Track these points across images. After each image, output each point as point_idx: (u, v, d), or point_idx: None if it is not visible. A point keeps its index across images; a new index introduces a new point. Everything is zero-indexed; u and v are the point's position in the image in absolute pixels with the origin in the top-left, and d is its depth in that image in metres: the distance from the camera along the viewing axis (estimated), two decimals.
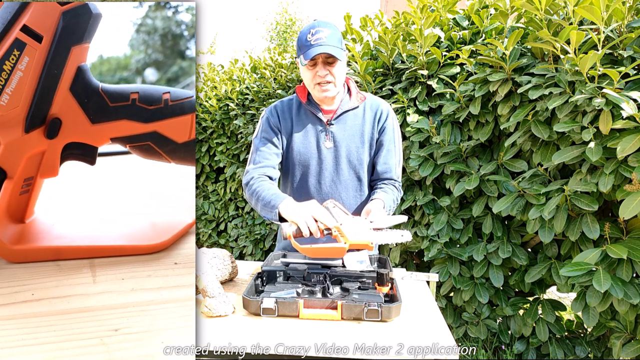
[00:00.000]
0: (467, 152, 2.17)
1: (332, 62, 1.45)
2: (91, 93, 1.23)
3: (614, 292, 1.55)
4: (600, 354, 2.02)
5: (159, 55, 3.74)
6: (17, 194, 1.23)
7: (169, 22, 3.70)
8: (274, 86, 3.37)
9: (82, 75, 1.23)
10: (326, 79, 1.46)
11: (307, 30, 1.45)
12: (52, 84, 1.17)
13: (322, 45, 1.40)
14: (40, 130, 1.20)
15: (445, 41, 2.28)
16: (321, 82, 1.46)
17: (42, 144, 1.21)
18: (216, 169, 4.21)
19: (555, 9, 1.80)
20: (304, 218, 1.24)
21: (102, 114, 1.25)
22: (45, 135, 1.21)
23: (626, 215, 1.50)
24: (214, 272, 1.32)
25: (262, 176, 1.47)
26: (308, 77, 1.48)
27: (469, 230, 2.21)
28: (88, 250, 1.25)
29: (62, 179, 1.42)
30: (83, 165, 1.34)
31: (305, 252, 1.26)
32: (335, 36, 1.44)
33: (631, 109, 1.44)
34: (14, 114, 1.14)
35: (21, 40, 1.11)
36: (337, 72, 1.47)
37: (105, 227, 1.35)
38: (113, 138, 1.30)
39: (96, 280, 1.14)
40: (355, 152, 1.53)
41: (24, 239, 1.25)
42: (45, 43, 1.13)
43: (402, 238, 1.28)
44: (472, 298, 2.22)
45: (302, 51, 1.44)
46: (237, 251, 3.84)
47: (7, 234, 1.21)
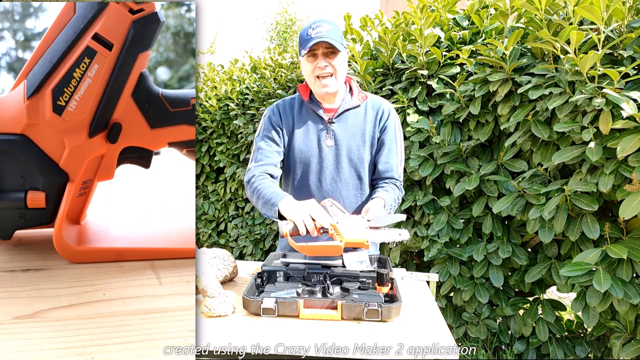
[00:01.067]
0: (467, 152, 2.17)
1: (332, 55, 1.46)
2: (152, 99, 1.28)
3: (614, 292, 1.55)
4: (600, 354, 2.02)
5: (170, 54, 3.75)
6: (75, 197, 1.27)
7: (181, 20, 3.70)
8: (274, 86, 3.37)
9: (144, 81, 1.27)
10: (326, 71, 1.46)
11: (308, 26, 1.48)
12: (117, 91, 1.22)
13: (322, 37, 1.42)
14: (102, 135, 1.24)
15: (445, 41, 2.28)
16: (321, 74, 1.47)
17: (103, 148, 1.25)
18: (216, 169, 4.21)
19: (555, 9, 1.80)
20: (301, 216, 1.25)
21: (162, 119, 1.30)
22: (106, 140, 1.25)
23: (626, 215, 1.50)
24: (214, 272, 1.32)
25: (263, 174, 1.48)
26: (308, 70, 1.49)
27: (469, 230, 2.21)
28: (148, 252, 1.28)
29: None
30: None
31: (301, 250, 1.26)
32: (335, 31, 1.46)
33: (631, 109, 1.44)
34: (80, 119, 1.18)
35: (92, 49, 1.15)
36: (338, 65, 1.48)
37: (158, 229, 1.40)
38: (171, 143, 1.34)
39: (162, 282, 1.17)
40: (356, 151, 1.54)
41: (83, 240, 1.28)
42: (115, 51, 1.17)
43: (400, 237, 1.28)
44: (472, 298, 2.22)
45: (302, 45, 1.46)
46: (237, 251, 3.84)
47: (69, 235, 1.25)
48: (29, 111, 1.15)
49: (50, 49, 1.16)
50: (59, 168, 1.21)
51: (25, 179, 1.21)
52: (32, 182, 1.21)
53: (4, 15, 3.21)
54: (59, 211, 1.22)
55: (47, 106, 1.15)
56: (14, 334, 0.94)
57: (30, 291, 1.10)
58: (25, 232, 1.37)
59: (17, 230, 1.27)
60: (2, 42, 3.28)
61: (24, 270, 1.19)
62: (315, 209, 1.27)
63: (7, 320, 0.98)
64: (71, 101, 1.16)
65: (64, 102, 1.16)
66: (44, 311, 1.02)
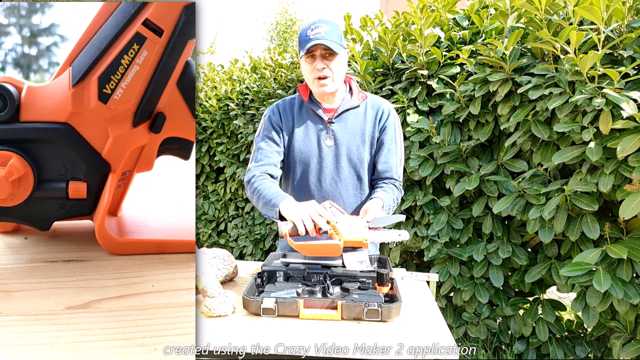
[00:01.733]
0: (467, 152, 2.17)
1: (330, 56, 1.46)
2: (195, 88, 1.24)
3: (614, 292, 1.55)
4: (600, 354, 2.02)
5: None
6: (114, 187, 1.24)
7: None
8: (274, 86, 3.37)
9: (189, 69, 1.23)
10: (324, 73, 1.47)
11: (307, 26, 1.48)
12: (164, 79, 1.18)
13: (320, 38, 1.42)
14: (145, 125, 1.21)
15: (445, 41, 2.28)
16: (319, 76, 1.47)
17: (145, 138, 1.22)
18: (216, 169, 4.21)
19: (555, 9, 1.80)
20: (300, 217, 1.25)
21: None
22: (149, 130, 1.22)
23: (626, 215, 1.49)
24: (214, 272, 1.32)
25: (263, 174, 1.48)
26: (307, 71, 1.50)
27: (469, 230, 2.21)
28: (190, 245, 1.27)
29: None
30: None
31: (300, 249, 1.26)
32: (334, 32, 1.46)
33: (631, 109, 1.44)
34: (125, 108, 1.15)
35: (142, 35, 1.11)
36: (335, 67, 1.48)
37: (192, 223, 1.37)
38: None
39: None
40: (355, 151, 1.54)
41: (123, 232, 1.27)
42: (165, 37, 1.13)
43: (400, 237, 1.28)
44: (472, 298, 2.22)
45: (301, 46, 1.46)
46: (237, 251, 3.84)
47: (110, 227, 1.23)
48: (74, 99, 1.13)
49: (97, 35, 1.13)
50: (101, 158, 1.19)
51: (67, 169, 1.18)
52: (73, 172, 1.19)
53: (11, 11, 3.21)
54: (102, 202, 1.19)
55: (93, 94, 1.12)
56: (68, 324, 0.94)
57: (77, 282, 1.10)
58: (58, 223, 1.34)
59: (57, 221, 1.25)
60: (8, 37, 3.28)
61: (66, 261, 1.19)
62: (314, 210, 1.27)
63: (59, 311, 0.98)
64: (117, 89, 1.13)
65: (110, 90, 1.13)
66: (94, 302, 1.02)
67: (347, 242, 1.24)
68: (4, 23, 3.18)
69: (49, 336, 0.90)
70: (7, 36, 3.29)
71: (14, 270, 1.13)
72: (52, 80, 1.17)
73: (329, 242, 1.24)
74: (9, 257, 1.20)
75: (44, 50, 3.63)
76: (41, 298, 1.02)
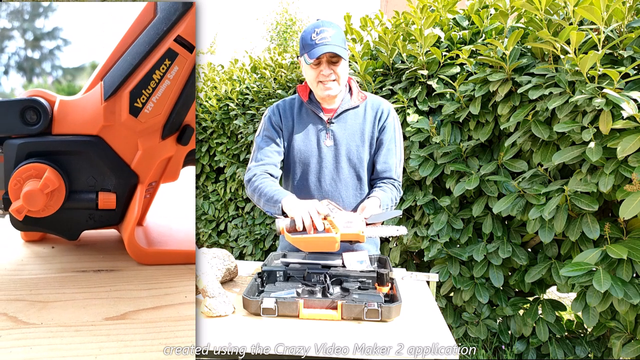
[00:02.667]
0: (467, 152, 2.17)
1: (336, 62, 1.46)
2: None
3: (614, 292, 1.55)
4: (600, 354, 2.02)
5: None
6: (143, 198, 1.28)
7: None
8: (274, 86, 3.37)
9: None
10: (330, 78, 1.47)
11: (311, 29, 1.46)
12: (192, 93, 1.22)
13: (327, 44, 1.41)
14: (173, 137, 1.25)
15: (445, 41, 2.28)
16: (324, 80, 1.47)
17: (173, 150, 1.26)
18: (216, 169, 4.21)
19: (555, 9, 1.80)
20: (300, 213, 1.25)
21: None
22: (177, 142, 1.25)
23: (626, 216, 1.49)
24: (214, 272, 1.32)
25: (264, 173, 1.48)
26: (312, 75, 1.49)
27: (469, 230, 2.21)
28: None
29: None
30: None
31: (296, 242, 1.26)
32: (339, 36, 1.45)
33: (631, 109, 1.44)
34: (155, 121, 1.20)
35: (174, 51, 1.15)
36: (341, 71, 1.48)
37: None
38: None
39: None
40: (355, 151, 1.54)
41: (151, 242, 1.29)
42: (195, 53, 1.18)
43: (398, 232, 1.28)
44: (472, 298, 2.22)
45: (306, 50, 1.45)
46: (237, 251, 3.84)
47: (138, 237, 1.26)
48: (105, 113, 1.16)
49: (129, 51, 1.17)
50: (130, 169, 1.22)
51: (96, 180, 1.21)
52: (103, 183, 1.22)
53: (14, 15, 3.22)
54: (132, 213, 1.22)
55: (124, 108, 1.16)
56: (109, 335, 0.95)
57: (110, 292, 1.11)
58: (83, 232, 1.37)
59: (85, 230, 1.28)
60: (11, 41, 3.28)
61: (96, 271, 1.20)
62: (314, 208, 1.28)
63: (98, 322, 0.99)
64: (148, 103, 1.17)
65: (141, 104, 1.17)
66: (131, 312, 1.03)
67: (344, 235, 1.24)
68: (7, 27, 3.19)
69: (92, 347, 0.91)
70: (10, 40, 3.30)
71: (47, 280, 1.15)
72: (83, 94, 1.20)
73: (325, 236, 1.24)
74: (40, 267, 1.22)
75: (47, 54, 3.65)
76: (78, 309, 1.03)
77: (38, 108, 1.14)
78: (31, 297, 1.07)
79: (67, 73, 3.55)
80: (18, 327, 0.96)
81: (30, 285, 1.12)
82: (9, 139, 1.16)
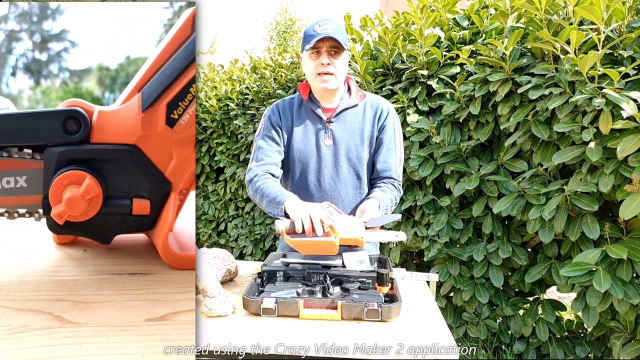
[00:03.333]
0: (467, 152, 2.17)
1: (336, 54, 1.47)
2: None
3: (614, 292, 1.55)
4: (600, 354, 2.02)
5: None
6: (175, 205, 1.33)
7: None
8: (274, 86, 3.37)
9: None
10: (328, 69, 1.47)
11: (314, 23, 1.48)
12: None
13: (328, 33, 1.42)
14: None
15: (445, 41, 2.28)
16: (323, 71, 1.47)
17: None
18: (216, 169, 4.21)
19: (555, 9, 1.80)
20: (300, 215, 1.25)
21: None
22: None
23: (626, 216, 1.49)
24: (214, 272, 1.32)
25: (265, 173, 1.48)
26: (311, 67, 1.49)
27: (469, 230, 2.21)
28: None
29: None
30: None
31: (296, 245, 1.26)
32: (341, 31, 1.47)
33: (631, 109, 1.44)
34: (189, 132, 1.26)
35: None
36: (340, 65, 1.48)
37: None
38: None
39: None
40: (354, 150, 1.54)
41: (182, 247, 1.34)
42: None
43: (397, 238, 1.28)
44: (472, 298, 2.22)
45: (307, 41, 1.46)
46: (237, 251, 3.84)
47: (171, 242, 1.31)
48: (143, 123, 1.23)
49: (168, 65, 1.23)
50: (164, 177, 1.28)
51: (131, 187, 1.27)
52: (137, 190, 1.28)
53: (22, 17, 3.24)
54: (165, 219, 1.28)
55: (161, 119, 1.22)
56: (153, 335, 0.99)
57: (147, 294, 1.15)
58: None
59: (117, 235, 1.33)
60: (19, 43, 3.30)
61: (131, 274, 1.25)
62: (315, 210, 1.27)
63: (140, 322, 1.03)
64: (184, 114, 1.24)
65: (177, 115, 1.23)
66: (170, 314, 1.07)
67: (343, 240, 1.24)
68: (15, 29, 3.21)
69: (138, 346, 0.95)
70: (18, 42, 3.32)
71: (84, 282, 1.19)
72: (120, 105, 1.27)
73: (324, 240, 1.24)
74: (75, 269, 1.27)
75: (54, 56, 3.67)
76: (119, 310, 1.07)
77: (79, 118, 1.21)
78: (72, 297, 1.11)
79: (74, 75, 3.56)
80: (65, 326, 1.00)
81: (69, 287, 1.16)
82: (50, 147, 1.22)
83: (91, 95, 3.53)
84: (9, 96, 2.85)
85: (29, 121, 1.19)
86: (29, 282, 1.18)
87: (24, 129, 1.19)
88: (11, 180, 1.23)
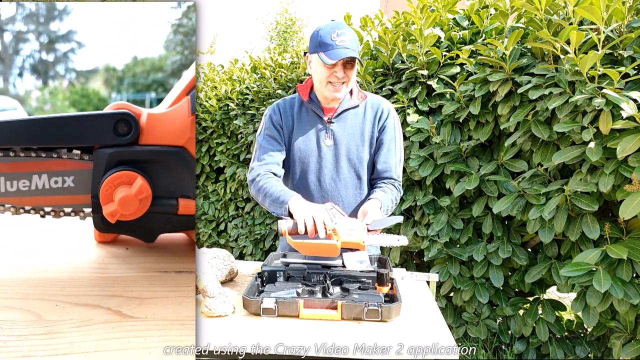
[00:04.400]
0: (467, 152, 2.17)
1: (351, 67, 1.47)
2: None
3: (614, 292, 1.55)
4: (600, 354, 2.02)
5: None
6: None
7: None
8: (274, 86, 3.37)
9: None
10: (342, 81, 1.47)
11: (330, 29, 1.45)
12: None
13: (347, 48, 1.41)
14: None
15: (445, 41, 2.28)
16: (335, 82, 1.47)
17: None
18: (216, 169, 4.21)
19: (555, 9, 1.80)
20: (303, 216, 1.25)
21: None
22: None
23: (626, 216, 1.49)
24: (214, 272, 1.32)
25: (268, 173, 1.48)
26: (322, 75, 1.48)
27: (469, 230, 2.21)
28: None
29: None
30: None
31: (298, 247, 1.26)
32: (356, 40, 1.47)
33: (631, 109, 1.44)
34: None
35: None
36: (352, 75, 1.49)
37: None
38: None
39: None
40: (355, 151, 1.54)
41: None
42: None
43: (398, 242, 1.28)
44: (472, 298, 2.22)
45: (323, 49, 1.43)
46: (237, 251, 3.84)
47: None
48: (192, 125, 1.27)
49: None
50: None
51: (177, 187, 1.30)
52: (183, 190, 1.30)
53: (29, 18, 3.25)
54: None
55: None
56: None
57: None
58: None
59: (162, 233, 1.36)
60: (26, 44, 3.32)
61: (178, 272, 1.27)
62: (319, 212, 1.27)
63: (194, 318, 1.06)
64: None
65: None
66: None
67: (345, 243, 1.24)
68: (23, 30, 3.22)
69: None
70: (25, 42, 3.33)
71: (134, 279, 1.22)
72: (167, 108, 1.30)
73: (327, 242, 1.24)
74: (122, 266, 1.29)
75: (61, 57, 3.68)
76: (174, 305, 1.10)
77: (130, 120, 1.24)
78: (126, 293, 1.14)
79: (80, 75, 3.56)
80: (126, 320, 1.03)
81: (120, 283, 1.19)
82: (99, 149, 1.25)
83: (97, 96, 3.54)
84: (16, 97, 2.85)
85: (80, 123, 1.22)
86: (81, 279, 1.20)
87: (75, 131, 1.22)
88: (59, 180, 1.26)
